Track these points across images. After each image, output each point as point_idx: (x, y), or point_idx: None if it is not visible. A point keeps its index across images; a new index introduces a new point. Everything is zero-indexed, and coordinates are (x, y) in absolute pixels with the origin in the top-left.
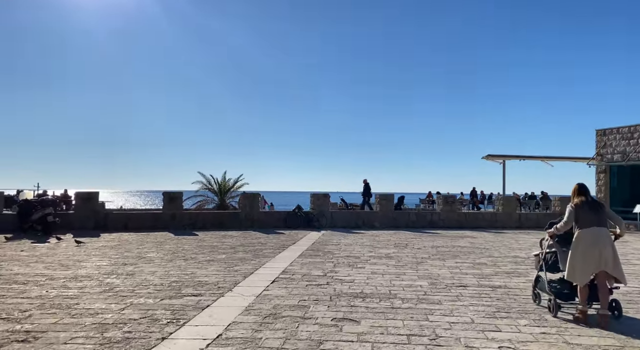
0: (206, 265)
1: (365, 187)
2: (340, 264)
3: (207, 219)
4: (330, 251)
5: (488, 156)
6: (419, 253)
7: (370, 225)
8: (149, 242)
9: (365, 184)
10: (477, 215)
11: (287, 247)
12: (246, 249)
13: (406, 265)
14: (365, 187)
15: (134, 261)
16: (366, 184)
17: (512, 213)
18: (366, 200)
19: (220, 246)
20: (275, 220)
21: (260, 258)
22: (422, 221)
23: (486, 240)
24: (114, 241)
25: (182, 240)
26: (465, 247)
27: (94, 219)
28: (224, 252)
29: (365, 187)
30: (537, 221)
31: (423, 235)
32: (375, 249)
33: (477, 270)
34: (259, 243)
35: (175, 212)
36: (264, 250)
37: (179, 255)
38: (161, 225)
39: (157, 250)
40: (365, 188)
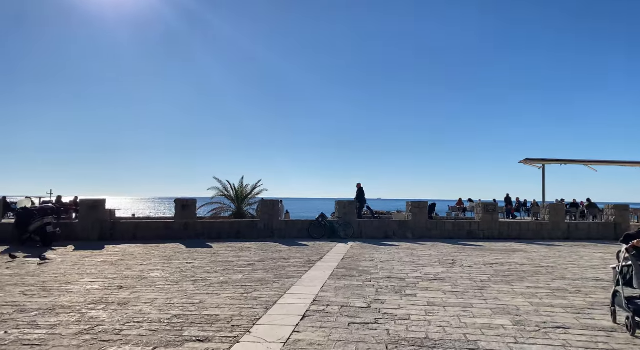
0: (219, 289)
1: (359, 191)
2: (383, 288)
3: (223, 229)
4: (365, 270)
5: (526, 160)
6: (474, 273)
7: (402, 235)
8: (156, 257)
9: (359, 189)
10: (521, 225)
11: (314, 264)
12: (266, 266)
13: (468, 292)
14: (359, 192)
15: (133, 283)
16: (360, 189)
17: (560, 223)
18: (359, 207)
19: (237, 262)
20: (297, 231)
21: (284, 279)
22: (459, 231)
23: (543, 255)
24: (117, 255)
25: (194, 254)
26: (525, 264)
27: (99, 229)
28: (240, 270)
29: (359, 192)
30: (589, 232)
31: (466, 248)
32: (419, 267)
33: (562, 299)
34: (280, 258)
35: (188, 221)
36: (287, 269)
37: (188, 274)
38: (173, 236)
39: (162, 268)
40: (359, 193)
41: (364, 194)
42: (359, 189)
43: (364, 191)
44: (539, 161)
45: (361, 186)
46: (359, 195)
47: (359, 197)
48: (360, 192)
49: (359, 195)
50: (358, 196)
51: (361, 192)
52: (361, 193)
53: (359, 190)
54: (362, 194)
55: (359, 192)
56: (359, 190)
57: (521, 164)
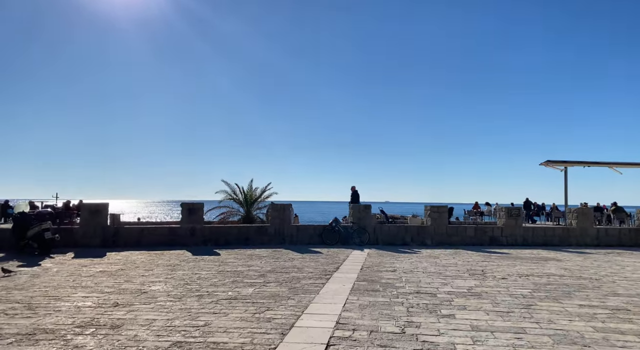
0: (227, 307)
1: (354, 195)
2: (414, 307)
3: (231, 234)
4: (389, 283)
5: (547, 162)
6: (512, 287)
7: (420, 242)
8: (160, 266)
9: (353, 192)
10: (546, 230)
11: (331, 275)
12: (279, 278)
13: (513, 312)
14: (354, 195)
15: (130, 299)
16: (354, 192)
17: (588, 228)
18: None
19: (247, 272)
20: (308, 236)
21: (300, 294)
22: (481, 237)
23: (579, 265)
24: (118, 264)
25: (200, 263)
26: (564, 276)
27: (101, 235)
28: (251, 282)
29: (354, 195)
30: (619, 238)
31: (492, 256)
32: (448, 280)
33: (630, 323)
34: (293, 268)
35: (194, 226)
36: (302, 281)
37: (193, 287)
38: (179, 242)
39: (165, 280)
40: (354, 196)
41: (358, 198)
42: (353, 192)
43: (358, 194)
44: (561, 163)
45: (356, 189)
46: (354, 198)
47: (354, 200)
48: (354, 196)
49: (353, 199)
50: (353, 200)
51: (356, 195)
52: (356, 196)
53: (353, 194)
54: (356, 197)
55: (353, 196)
56: (353, 193)
57: (542, 166)
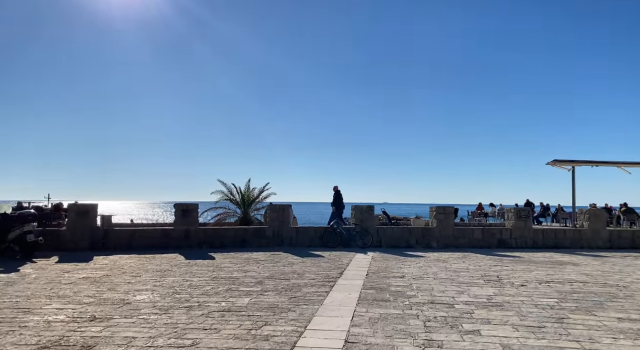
0: (219, 321)
1: (336, 195)
2: (431, 320)
3: (227, 237)
4: (399, 291)
5: (554, 162)
6: (535, 296)
7: (426, 244)
8: (149, 271)
9: (336, 192)
10: (557, 232)
11: (335, 282)
12: (278, 285)
13: (545, 327)
14: (336, 196)
15: (110, 311)
16: (337, 192)
17: (600, 230)
18: (337, 213)
19: (242, 279)
20: (309, 239)
21: (302, 305)
22: (489, 240)
23: (599, 270)
24: (104, 269)
25: (193, 268)
26: (587, 282)
27: (89, 238)
28: (247, 291)
29: (336, 196)
30: (633, 240)
31: (504, 260)
32: (463, 287)
33: None
34: (293, 273)
35: (189, 228)
36: (303, 289)
37: (182, 297)
38: (172, 244)
39: (153, 288)
40: (336, 197)
41: (342, 198)
42: (336, 193)
43: (341, 195)
44: (569, 163)
45: (338, 189)
46: (337, 199)
47: (336, 201)
48: (337, 196)
49: (335, 200)
50: (335, 201)
51: (338, 196)
52: (338, 197)
53: (336, 194)
54: (339, 198)
55: (336, 196)
56: (336, 193)
57: (549, 165)
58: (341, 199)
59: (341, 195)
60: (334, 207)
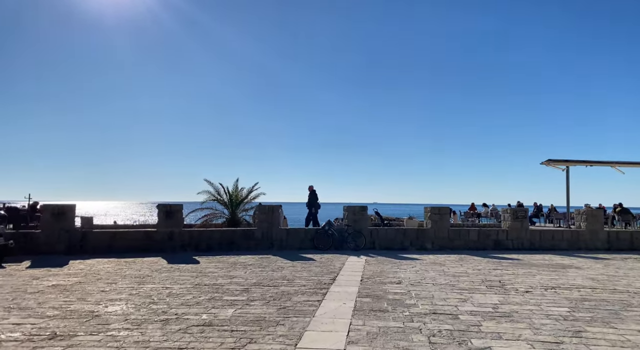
0: (198, 338)
1: (311, 195)
2: (436, 335)
3: (214, 239)
4: (398, 299)
5: (549, 161)
6: (544, 304)
7: (420, 246)
8: (127, 277)
9: (311, 192)
10: (554, 233)
11: (328, 289)
12: (266, 293)
13: (563, 342)
14: (311, 196)
15: (75, 326)
16: (312, 192)
17: (598, 231)
18: (312, 213)
19: (227, 286)
20: (299, 241)
21: (292, 317)
22: (485, 241)
23: (602, 273)
24: (78, 275)
25: (175, 274)
26: (596, 289)
27: (66, 240)
28: (231, 300)
29: (311, 196)
30: (631, 242)
31: (502, 263)
32: (465, 294)
33: None
34: (283, 279)
35: (173, 230)
36: (293, 297)
37: (159, 308)
38: (155, 247)
39: (128, 297)
40: (311, 197)
41: (317, 198)
42: (311, 192)
43: (317, 195)
44: (563, 162)
45: (313, 189)
46: (312, 199)
47: (312, 201)
48: (312, 196)
49: (311, 200)
50: (310, 201)
51: (314, 195)
52: (314, 197)
53: (311, 194)
54: (314, 198)
55: (311, 196)
56: (311, 193)
57: (543, 165)
58: (316, 199)
59: (316, 195)
60: (310, 207)
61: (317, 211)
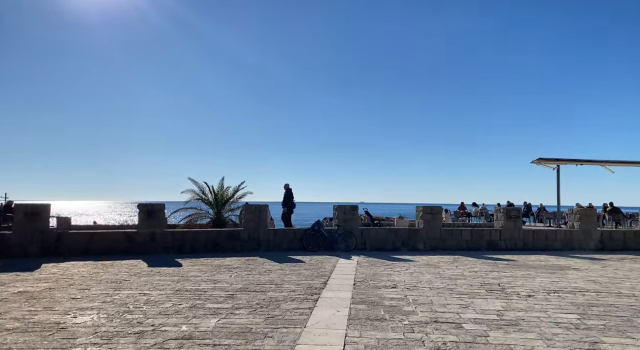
0: None
1: (287, 194)
2: (441, 348)
3: (198, 240)
4: (395, 306)
5: (539, 160)
6: (550, 310)
7: (412, 247)
8: (102, 283)
9: (287, 190)
10: (547, 233)
11: (319, 295)
12: (252, 300)
13: None
14: (287, 195)
15: (36, 342)
16: (288, 190)
17: (591, 231)
18: (287, 212)
19: (211, 292)
20: (287, 242)
21: (281, 328)
22: (477, 241)
23: (602, 275)
24: (49, 280)
25: (155, 278)
26: (601, 292)
27: (40, 242)
28: (214, 308)
29: (287, 195)
30: (624, 241)
31: (499, 265)
32: (465, 299)
33: None
34: (271, 284)
35: (154, 231)
36: (282, 305)
37: (134, 319)
38: (135, 249)
39: (101, 306)
40: (287, 196)
41: (292, 197)
42: (287, 191)
43: (292, 194)
44: (553, 161)
45: (289, 187)
46: (287, 198)
47: (287, 201)
48: (288, 195)
49: (286, 199)
50: (286, 200)
51: (289, 194)
52: (289, 196)
53: (286, 192)
54: (290, 197)
55: (286, 195)
56: (286, 192)
57: (534, 164)
58: (292, 198)
59: (292, 194)
60: (286, 206)
61: (292, 210)
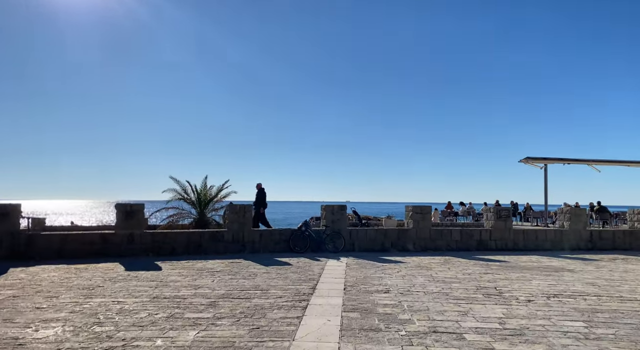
0: None
1: (259, 194)
2: None
3: (179, 242)
4: (389, 314)
5: (527, 159)
6: (554, 317)
7: (402, 247)
8: (73, 289)
9: (259, 190)
10: (537, 233)
11: (308, 301)
12: (236, 308)
13: None
14: (259, 195)
15: None
16: (260, 190)
17: (581, 230)
18: (259, 213)
19: (191, 299)
20: (273, 243)
21: (267, 341)
22: (467, 241)
23: (598, 276)
24: (15, 286)
25: (131, 283)
26: (602, 296)
27: (9, 244)
28: (194, 318)
29: (259, 195)
30: (614, 241)
31: (492, 266)
32: (462, 305)
33: None
34: (256, 289)
35: (133, 232)
36: (268, 314)
37: (104, 332)
38: (113, 251)
39: (68, 316)
40: (259, 195)
41: (265, 197)
42: (259, 191)
43: (265, 193)
44: (541, 160)
45: (262, 187)
46: (260, 198)
47: (260, 200)
48: (260, 195)
49: (258, 199)
50: (258, 199)
51: (262, 194)
52: (262, 195)
53: (259, 192)
54: (263, 196)
55: (259, 195)
56: (259, 191)
57: (522, 163)
58: (264, 197)
59: (264, 193)
60: (258, 206)
61: (264, 209)
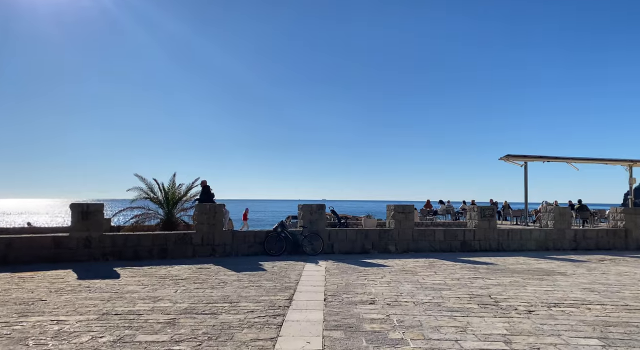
0: None
1: (204, 192)
2: None
3: (143, 245)
4: (378, 331)
5: (507, 157)
6: (564, 333)
7: (383, 248)
8: (7, 304)
9: (204, 187)
10: (522, 233)
11: (284, 315)
12: (198, 327)
13: None
14: (204, 193)
15: None
16: (205, 187)
17: (565, 230)
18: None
19: (147, 316)
20: (247, 246)
21: None
22: (451, 242)
23: (594, 281)
24: None
25: (81, 295)
26: (605, 305)
27: None
28: (147, 342)
29: (204, 193)
30: (597, 240)
31: (480, 269)
32: (458, 318)
33: None
34: (224, 301)
35: (90, 235)
36: (236, 335)
37: None
38: (68, 256)
39: None
40: (203, 194)
41: (211, 196)
42: (203, 188)
43: (210, 191)
44: (521, 158)
45: (207, 184)
46: (204, 196)
47: (205, 198)
48: (205, 193)
49: (203, 197)
50: (202, 198)
51: (207, 191)
52: (207, 193)
53: (203, 189)
54: (208, 194)
55: (203, 193)
56: (204, 188)
57: (502, 160)
58: (210, 196)
59: (210, 192)
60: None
61: None
